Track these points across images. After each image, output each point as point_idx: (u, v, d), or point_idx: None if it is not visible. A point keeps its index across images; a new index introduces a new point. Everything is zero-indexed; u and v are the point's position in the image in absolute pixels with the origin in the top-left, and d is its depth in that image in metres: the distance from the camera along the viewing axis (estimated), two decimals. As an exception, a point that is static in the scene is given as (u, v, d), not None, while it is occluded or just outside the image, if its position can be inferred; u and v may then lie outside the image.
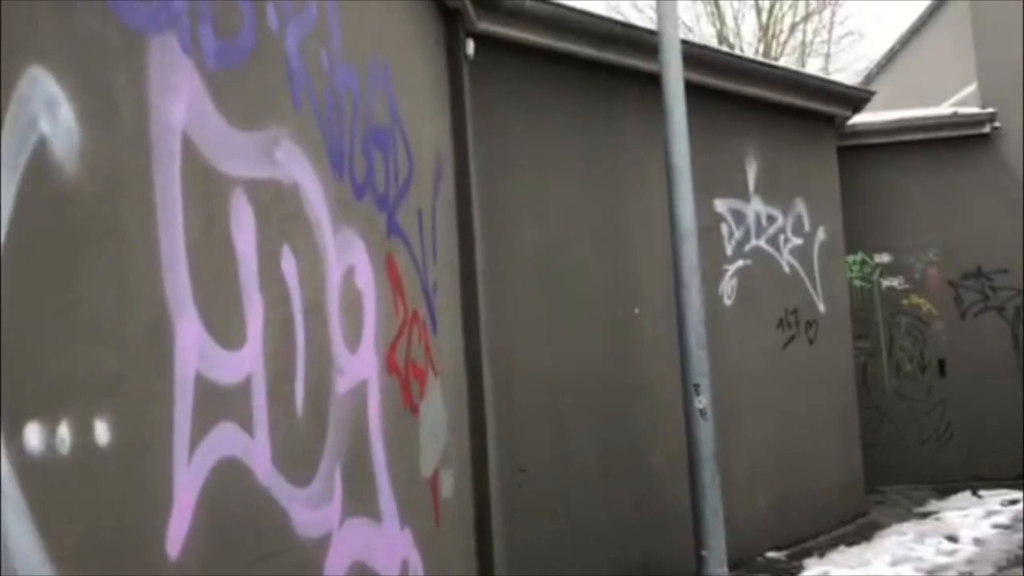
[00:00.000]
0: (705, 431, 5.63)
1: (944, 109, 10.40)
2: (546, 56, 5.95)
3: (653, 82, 5.91)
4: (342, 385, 2.68)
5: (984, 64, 10.15)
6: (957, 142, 9.99)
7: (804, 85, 8.02)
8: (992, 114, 9.85)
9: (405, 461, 3.37)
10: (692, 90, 6.76)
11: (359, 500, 2.78)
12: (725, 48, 16.58)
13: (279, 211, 2.32)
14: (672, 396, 5.98)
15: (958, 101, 10.50)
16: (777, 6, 24.94)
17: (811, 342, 8.00)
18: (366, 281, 3.00)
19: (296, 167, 2.44)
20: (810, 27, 25.38)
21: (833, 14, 26.37)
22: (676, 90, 5.72)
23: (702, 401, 5.63)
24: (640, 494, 6.29)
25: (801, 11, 25.01)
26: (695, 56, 6.68)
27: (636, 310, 6.47)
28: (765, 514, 7.18)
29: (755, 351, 7.40)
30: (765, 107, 7.78)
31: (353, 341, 2.83)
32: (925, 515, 8.22)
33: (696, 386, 5.65)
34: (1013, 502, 8.48)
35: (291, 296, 2.33)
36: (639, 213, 6.54)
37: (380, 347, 3.12)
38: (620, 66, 6.38)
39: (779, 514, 7.30)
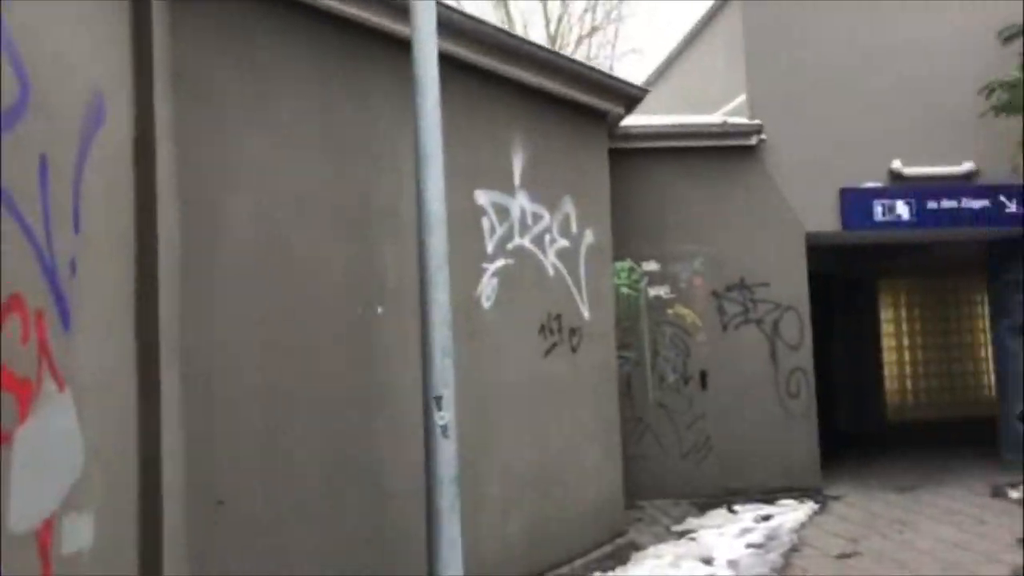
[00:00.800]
0: (446, 450, 4.84)
1: (714, 117, 10.34)
2: (274, 1, 4.97)
3: (409, 49, 5.07)
4: None
5: (753, 76, 10.16)
6: (726, 152, 9.94)
7: (577, 74, 7.50)
8: (759, 126, 9.85)
9: (-32, 512, 2.30)
10: (454, 65, 6.06)
11: None
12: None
13: None
14: (420, 409, 5.15)
15: (730, 111, 10.48)
16: (565, 18, 25.24)
17: (574, 350, 7.47)
18: None
19: None
20: (595, 41, 25.87)
21: (617, 30, 27.06)
22: (428, 56, 4.90)
23: (444, 416, 4.84)
24: (376, 523, 5.42)
25: (587, 25, 25.46)
26: (455, 25, 5.94)
27: (380, 309, 5.60)
28: (517, 539, 6.52)
29: (513, 359, 6.75)
30: (535, 95, 7.17)
31: None
32: (682, 534, 7.93)
33: (438, 399, 4.85)
34: (766, 518, 8.39)
35: None
36: (389, 197, 5.67)
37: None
38: (368, 25, 5.50)
39: (533, 538, 6.67)
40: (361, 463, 5.37)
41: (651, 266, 9.76)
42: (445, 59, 5.40)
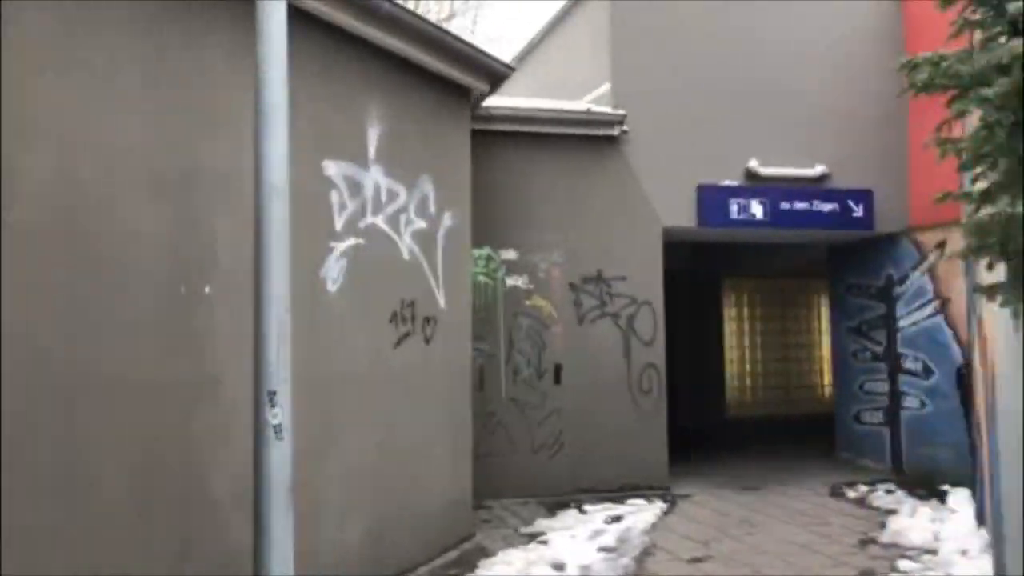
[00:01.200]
0: (278, 453, 4.20)
1: (578, 104, 10.03)
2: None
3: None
4: None
5: (618, 66, 9.91)
6: (589, 141, 9.66)
7: (441, 42, 6.94)
8: (622, 116, 9.61)
9: None
10: (306, 20, 5.46)
11: None
12: None
13: None
14: (250, 406, 4.49)
15: (592, 100, 10.20)
16: (423, 4, 24.62)
17: (427, 341, 6.95)
18: None
19: None
20: (454, 26, 25.37)
21: (476, 17, 26.69)
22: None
23: (277, 415, 4.20)
24: (193, 533, 4.73)
25: (446, 10, 24.91)
26: (308, -30, 5.30)
27: (207, 288, 4.89)
28: (356, 547, 5.95)
29: (361, 349, 6.17)
30: (395, 62, 6.59)
31: None
32: (532, 536, 7.56)
33: (271, 395, 4.21)
34: (617, 519, 8.16)
35: None
36: (223, 160, 4.95)
37: None
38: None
39: (374, 545, 6.11)
40: (178, 465, 4.67)
41: (509, 255, 9.35)
42: (296, 12, 4.76)
